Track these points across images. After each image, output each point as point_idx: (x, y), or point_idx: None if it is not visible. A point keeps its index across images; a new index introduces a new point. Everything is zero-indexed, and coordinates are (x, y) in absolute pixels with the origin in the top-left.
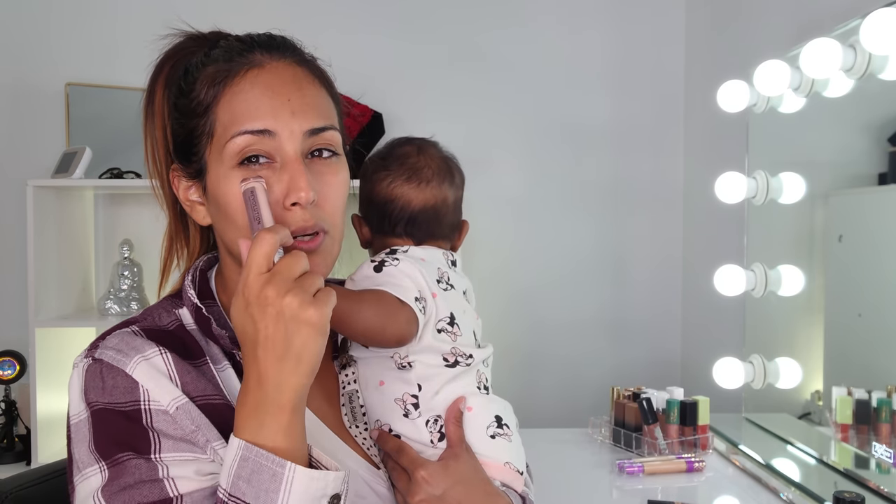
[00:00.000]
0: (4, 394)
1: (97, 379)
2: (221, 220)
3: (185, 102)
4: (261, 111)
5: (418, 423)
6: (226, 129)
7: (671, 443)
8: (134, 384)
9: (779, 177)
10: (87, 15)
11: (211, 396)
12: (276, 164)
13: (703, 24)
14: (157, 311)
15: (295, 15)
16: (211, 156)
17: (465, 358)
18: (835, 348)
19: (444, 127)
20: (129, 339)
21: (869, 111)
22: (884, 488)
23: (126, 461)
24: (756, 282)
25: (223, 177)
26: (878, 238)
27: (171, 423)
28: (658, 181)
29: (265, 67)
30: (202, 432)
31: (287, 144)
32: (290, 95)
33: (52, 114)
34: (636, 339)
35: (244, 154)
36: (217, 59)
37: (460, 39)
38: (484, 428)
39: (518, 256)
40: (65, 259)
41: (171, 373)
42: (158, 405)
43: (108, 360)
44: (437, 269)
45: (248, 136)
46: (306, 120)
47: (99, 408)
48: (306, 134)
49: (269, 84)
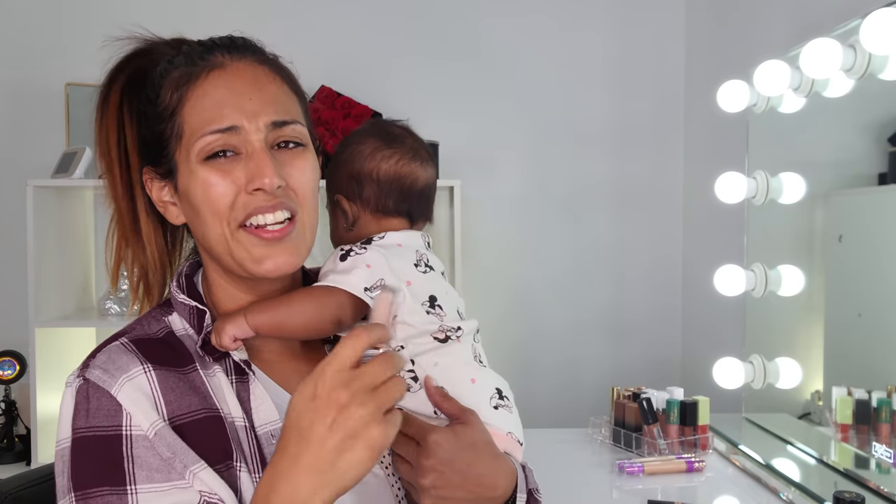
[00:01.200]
0: (4, 394)
1: (84, 401)
2: (192, 216)
3: (152, 110)
4: (225, 110)
5: (420, 395)
6: (193, 130)
7: (671, 443)
8: (118, 407)
9: (779, 177)
10: (87, 15)
11: (196, 412)
12: (242, 156)
13: (703, 24)
14: (146, 320)
15: (295, 14)
16: (180, 156)
17: (455, 331)
18: (835, 348)
19: (444, 127)
20: (116, 357)
21: (869, 111)
22: (884, 488)
23: (98, 497)
24: (756, 282)
25: (194, 174)
26: (878, 238)
27: (149, 450)
28: (658, 181)
29: (226, 68)
30: (178, 458)
31: (252, 136)
32: (252, 94)
33: (52, 114)
34: (636, 339)
35: (211, 150)
36: (179, 64)
37: (461, 39)
38: (487, 398)
39: (518, 256)
40: (65, 259)
41: (155, 392)
42: (139, 430)
43: (95, 379)
44: (416, 251)
45: (213, 136)
46: (268, 114)
47: (80, 436)
48: (270, 126)
49: (230, 83)
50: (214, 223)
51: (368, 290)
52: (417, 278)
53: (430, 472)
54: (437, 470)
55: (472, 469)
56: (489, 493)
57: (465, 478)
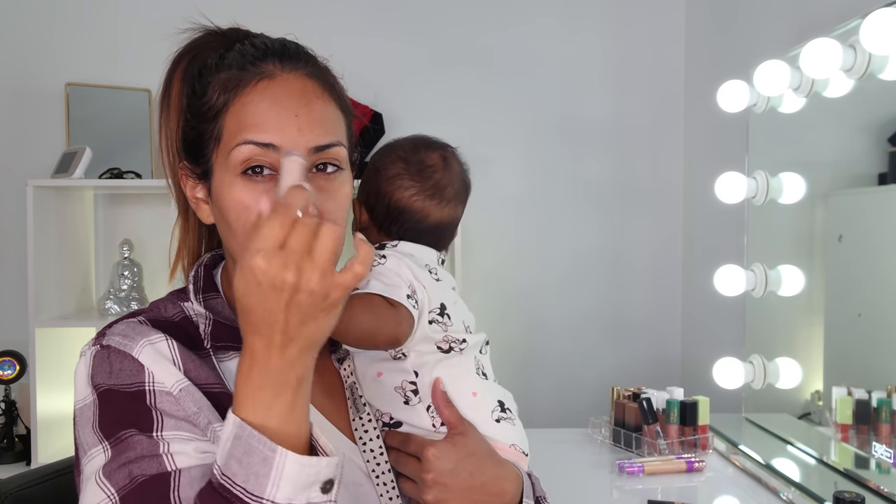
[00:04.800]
0: (4, 394)
1: (104, 363)
2: (222, 224)
3: (197, 105)
4: (267, 124)
5: (419, 409)
6: (232, 136)
7: (671, 443)
8: (140, 367)
9: (779, 177)
10: (87, 15)
11: (211, 385)
12: (277, 176)
13: (703, 24)
14: (162, 304)
15: (296, 16)
16: (217, 160)
17: (459, 343)
18: (835, 348)
19: (444, 126)
20: (135, 326)
21: (869, 111)
22: (884, 488)
23: (128, 437)
24: (756, 282)
25: (227, 184)
26: (878, 238)
27: (174, 404)
28: (658, 181)
29: (276, 79)
30: (203, 414)
31: None
32: (298, 110)
33: (52, 114)
34: (636, 338)
35: (248, 164)
36: (231, 64)
37: (461, 39)
38: (489, 412)
39: (518, 256)
40: (65, 259)
41: (175, 358)
42: (162, 386)
43: (115, 344)
44: (426, 264)
45: (252, 147)
46: (312, 136)
47: (104, 389)
48: (311, 151)
49: (277, 97)
50: (244, 240)
51: (410, 298)
52: (430, 284)
53: (433, 486)
54: (440, 483)
55: (476, 478)
56: (497, 500)
57: (471, 487)
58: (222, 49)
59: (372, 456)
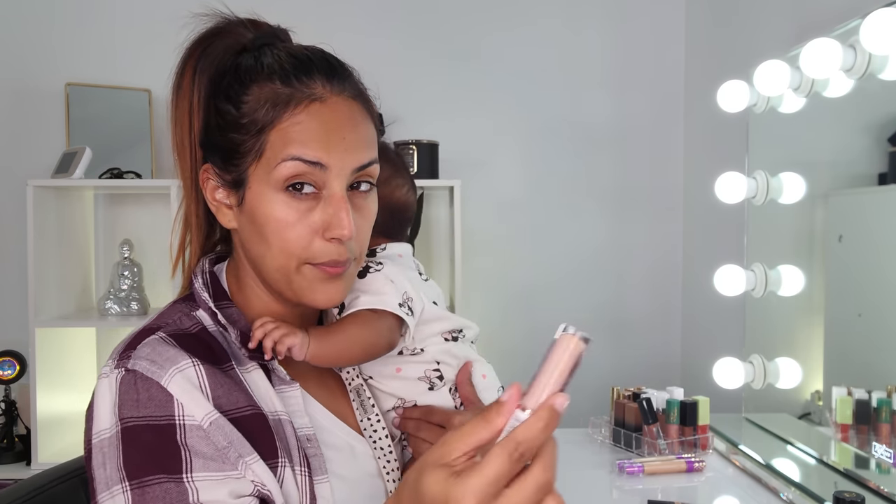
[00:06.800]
0: (4, 394)
1: (132, 391)
2: (254, 236)
3: (232, 114)
4: (317, 143)
5: (443, 392)
6: (277, 152)
7: (671, 443)
8: (169, 398)
9: (779, 177)
10: (87, 15)
11: (242, 409)
12: (321, 195)
13: (703, 24)
14: (176, 315)
15: (296, 14)
16: (255, 173)
17: (460, 332)
18: (835, 348)
19: (444, 127)
20: (162, 350)
21: (869, 111)
22: (884, 488)
23: (156, 484)
24: (756, 282)
25: (268, 199)
26: (878, 238)
27: (203, 440)
28: (658, 181)
29: (326, 102)
30: (234, 448)
31: (336, 180)
32: (346, 133)
33: (52, 114)
34: (636, 339)
35: (293, 180)
36: (272, 73)
37: (461, 39)
38: (496, 392)
39: (518, 256)
40: (65, 259)
41: (203, 385)
42: (192, 420)
43: (143, 370)
44: (413, 260)
45: (299, 164)
46: (357, 157)
47: (130, 424)
48: (354, 170)
49: (327, 119)
50: (280, 257)
51: (402, 305)
52: (421, 285)
53: None
54: None
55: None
56: None
57: None
58: (253, 49)
59: (382, 454)
